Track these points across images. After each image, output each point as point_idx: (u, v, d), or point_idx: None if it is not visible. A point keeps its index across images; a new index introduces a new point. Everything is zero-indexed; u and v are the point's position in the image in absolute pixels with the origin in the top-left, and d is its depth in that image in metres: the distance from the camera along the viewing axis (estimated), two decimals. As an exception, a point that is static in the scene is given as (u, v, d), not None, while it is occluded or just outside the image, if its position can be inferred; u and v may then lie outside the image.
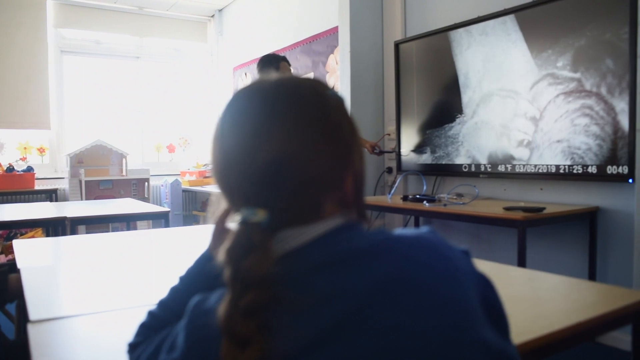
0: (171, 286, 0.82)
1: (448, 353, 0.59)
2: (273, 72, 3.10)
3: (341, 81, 4.06)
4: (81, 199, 5.50)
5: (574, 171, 2.73)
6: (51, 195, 5.58)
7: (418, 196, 3.13)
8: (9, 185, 5.29)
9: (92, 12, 6.10)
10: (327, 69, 4.63)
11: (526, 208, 2.54)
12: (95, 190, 5.69)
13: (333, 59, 4.51)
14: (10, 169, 5.36)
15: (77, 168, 5.62)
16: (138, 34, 6.47)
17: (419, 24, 3.78)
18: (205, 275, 0.78)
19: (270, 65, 3.24)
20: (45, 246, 2.12)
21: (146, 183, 5.91)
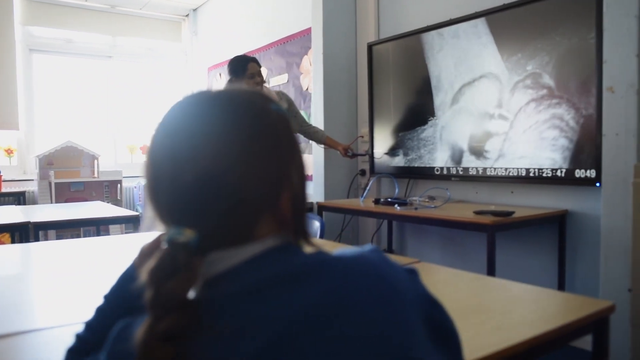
0: (97, 306, 0.77)
1: None
2: (241, 75, 3.05)
3: (314, 83, 4.03)
4: (51, 202, 5.38)
5: (544, 174, 2.74)
6: (19, 198, 5.44)
7: (390, 199, 3.11)
8: (-25, 187, 5.14)
9: (62, 10, 5.97)
10: (301, 70, 4.60)
11: (496, 212, 2.54)
12: (65, 192, 5.57)
13: (307, 60, 4.48)
14: (-25, 171, 5.21)
15: (47, 170, 5.49)
16: (110, 33, 6.36)
17: (393, 26, 3.76)
18: (128, 294, 0.74)
19: (238, 67, 3.18)
20: (9, 253, 2.03)
21: (119, 185, 5.80)
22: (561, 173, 2.67)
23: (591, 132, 2.50)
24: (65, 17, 5.99)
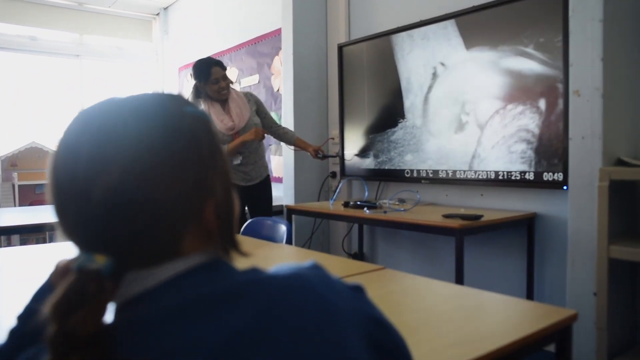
0: (9, 327, 0.71)
1: None
2: (205, 79, 2.98)
3: (284, 84, 3.97)
4: (14, 205, 5.21)
5: (512, 178, 2.73)
6: (-20, 201, 5.26)
7: (359, 202, 3.07)
8: None
9: (26, 7, 5.79)
10: (272, 71, 4.53)
11: (464, 216, 2.52)
12: (30, 195, 5.40)
13: (278, 61, 4.41)
14: None
15: (10, 172, 5.32)
16: (78, 31, 6.19)
17: (363, 27, 3.73)
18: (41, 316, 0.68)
19: (202, 71, 3.10)
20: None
21: (86, 187, 5.64)
22: (529, 176, 2.66)
23: (559, 135, 2.50)
24: (29, 14, 5.80)
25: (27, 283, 1.63)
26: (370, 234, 3.78)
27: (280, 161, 4.08)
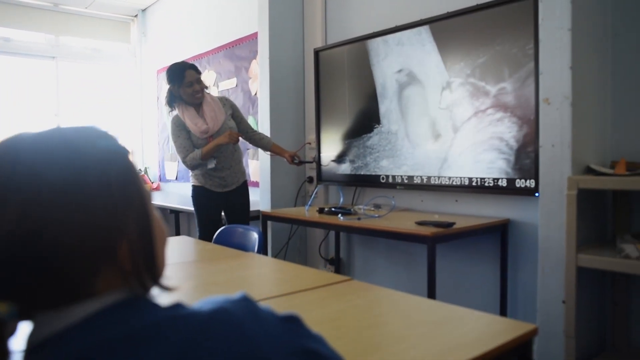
0: None
1: None
2: (178, 83, 2.95)
3: (260, 88, 3.94)
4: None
5: (486, 184, 2.74)
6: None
7: (333, 209, 3.06)
8: None
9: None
10: (250, 75, 4.50)
11: (437, 223, 2.52)
12: None
13: (256, 65, 4.38)
14: None
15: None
16: (53, 32, 6.09)
17: (339, 32, 3.72)
18: None
19: (175, 75, 3.07)
20: None
21: (61, 191, 5.54)
22: (502, 183, 2.67)
23: (531, 143, 2.51)
24: (2, 15, 5.69)
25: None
26: (347, 240, 3.77)
27: (258, 165, 4.05)
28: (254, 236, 2.47)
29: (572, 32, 2.11)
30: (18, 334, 0.53)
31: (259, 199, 3.96)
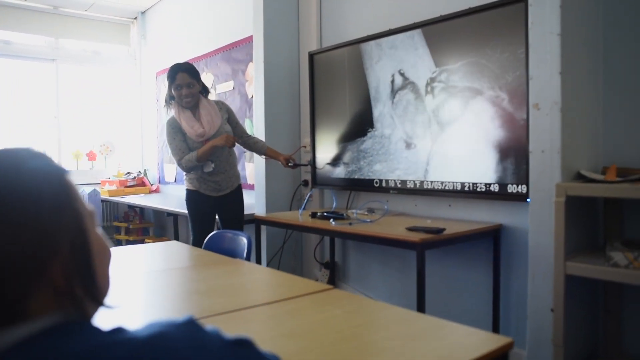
0: None
1: None
2: (171, 83, 2.98)
3: (255, 92, 3.93)
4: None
5: (478, 189, 2.72)
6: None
7: (326, 214, 3.04)
8: None
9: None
10: (247, 78, 4.49)
11: (427, 229, 2.50)
12: None
13: (252, 68, 4.37)
14: None
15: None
16: (53, 35, 6.10)
17: (334, 35, 3.70)
18: None
19: (170, 75, 3.11)
20: None
21: (60, 194, 5.56)
22: (495, 188, 2.65)
23: (523, 148, 2.49)
24: (2, 18, 5.71)
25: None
26: (341, 243, 3.76)
27: (251, 169, 4.04)
28: (244, 241, 2.46)
29: (562, 37, 2.08)
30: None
31: (254, 202, 3.95)
